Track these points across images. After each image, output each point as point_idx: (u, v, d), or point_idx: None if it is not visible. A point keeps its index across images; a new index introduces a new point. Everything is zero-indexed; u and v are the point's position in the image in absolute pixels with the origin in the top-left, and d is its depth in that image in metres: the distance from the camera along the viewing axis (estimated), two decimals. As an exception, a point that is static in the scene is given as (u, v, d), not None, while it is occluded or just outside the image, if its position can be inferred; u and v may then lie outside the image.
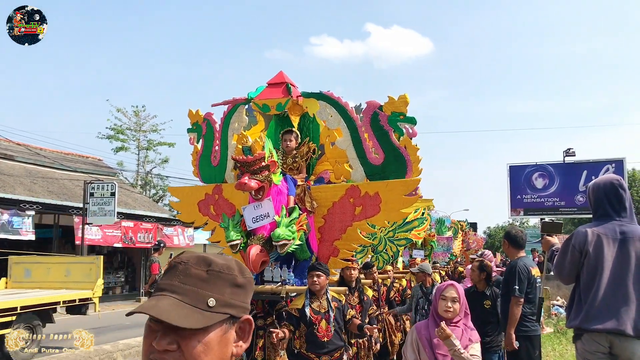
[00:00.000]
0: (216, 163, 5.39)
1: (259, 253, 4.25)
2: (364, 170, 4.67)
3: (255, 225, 4.45)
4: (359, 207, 4.59)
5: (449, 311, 3.08)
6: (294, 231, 4.32)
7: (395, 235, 6.63)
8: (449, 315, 3.07)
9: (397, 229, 6.60)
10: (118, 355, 9.55)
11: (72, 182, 21.85)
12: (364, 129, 4.61)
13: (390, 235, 6.61)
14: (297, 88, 5.12)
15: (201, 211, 5.43)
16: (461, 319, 3.15)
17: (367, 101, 4.62)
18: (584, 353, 3.32)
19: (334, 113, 4.72)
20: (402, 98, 4.41)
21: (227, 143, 5.24)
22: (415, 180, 4.43)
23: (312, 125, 5.25)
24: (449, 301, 3.12)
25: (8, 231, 16.49)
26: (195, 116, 5.51)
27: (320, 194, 4.83)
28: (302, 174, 5.07)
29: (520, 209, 26.06)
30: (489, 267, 5.73)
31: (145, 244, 22.10)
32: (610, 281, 3.23)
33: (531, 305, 5.20)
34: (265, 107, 5.05)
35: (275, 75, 5.18)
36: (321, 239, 4.83)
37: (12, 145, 22.23)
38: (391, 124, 4.45)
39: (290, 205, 4.53)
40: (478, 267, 5.76)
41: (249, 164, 4.30)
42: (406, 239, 6.79)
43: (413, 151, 4.43)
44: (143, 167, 36.99)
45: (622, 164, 24.33)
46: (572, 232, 3.56)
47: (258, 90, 5.10)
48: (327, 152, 5.29)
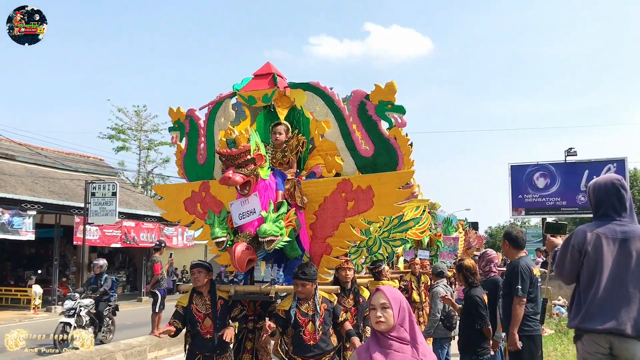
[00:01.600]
0: (203, 161, 5.17)
1: (244, 250, 4.05)
2: (354, 162, 4.45)
3: (241, 221, 4.24)
4: (352, 201, 4.38)
5: (381, 322, 2.50)
6: (282, 227, 4.11)
7: (390, 235, 6.45)
8: (382, 327, 2.50)
9: (392, 229, 6.40)
10: (119, 355, 9.54)
11: (73, 182, 21.87)
12: (352, 120, 4.39)
13: (385, 235, 6.42)
14: (285, 79, 4.87)
15: (187, 209, 5.23)
16: (403, 329, 2.52)
17: (353, 90, 4.40)
18: (584, 354, 3.29)
19: (321, 104, 4.49)
20: (389, 86, 4.17)
21: (213, 140, 5.02)
22: (409, 172, 4.22)
23: (302, 118, 5.03)
24: (379, 309, 2.53)
25: (7, 231, 16.48)
26: (176, 114, 5.26)
27: (310, 189, 4.61)
28: (293, 168, 4.85)
29: (522, 208, 26.06)
30: (466, 267, 5.45)
31: (147, 243, 22.12)
32: (609, 281, 3.21)
33: (533, 305, 5.18)
34: (251, 99, 4.80)
35: (262, 66, 4.94)
36: (313, 236, 4.62)
37: (13, 145, 22.25)
38: (379, 113, 4.22)
39: (278, 200, 4.32)
40: (456, 267, 5.69)
41: (233, 157, 4.08)
42: (402, 239, 6.67)
43: (403, 142, 4.21)
44: (144, 166, 37.10)
45: (623, 163, 24.34)
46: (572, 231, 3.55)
47: (244, 82, 4.86)
48: (317, 145, 5.08)
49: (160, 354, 10.76)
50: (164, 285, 12.03)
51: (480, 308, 5.18)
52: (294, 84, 4.71)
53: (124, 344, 10.09)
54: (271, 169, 4.46)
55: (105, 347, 9.66)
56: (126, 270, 24.79)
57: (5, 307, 18.63)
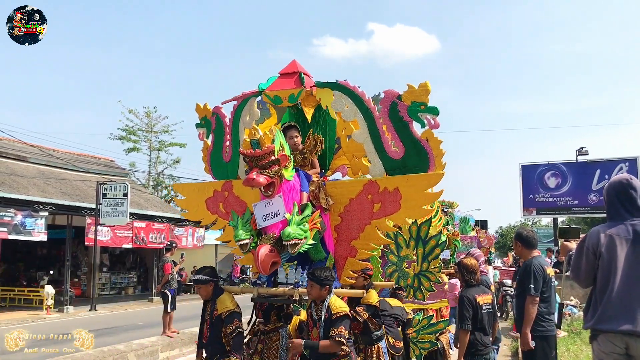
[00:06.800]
0: (228, 159, 5.09)
1: (268, 253, 3.95)
2: (382, 165, 4.33)
3: (265, 223, 4.14)
4: (378, 203, 4.27)
5: None
6: (306, 230, 4.00)
7: (429, 267, 5.92)
8: None
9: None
10: (131, 355, 9.57)
11: (84, 183, 21.97)
12: (382, 121, 4.27)
13: (425, 267, 5.93)
14: (311, 78, 4.75)
15: (209, 209, 5.13)
16: None
17: (384, 90, 4.26)
18: (600, 354, 3.29)
19: (349, 104, 4.37)
20: (422, 86, 4.06)
21: (238, 138, 4.93)
22: (439, 175, 4.09)
23: (328, 117, 4.88)
24: None
25: (20, 232, 16.58)
26: (203, 110, 5.20)
27: (336, 190, 4.52)
28: (316, 169, 4.74)
29: (533, 208, 25.97)
30: (465, 265, 5.35)
31: (157, 244, 22.18)
32: (624, 281, 3.20)
33: (547, 305, 5.15)
34: (277, 99, 4.67)
35: (288, 64, 4.80)
36: (338, 238, 4.52)
37: (25, 147, 22.38)
38: (411, 114, 4.10)
39: (303, 202, 4.22)
40: (456, 265, 5.69)
41: (257, 158, 3.99)
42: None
43: (436, 144, 4.09)
44: (155, 167, 37.27)
45: (635, 162, 24.18)
46: (586, 233, 3.53)
47: (269, 81, 4.74)
48: (344, 146, 4.95)
49: (172, 354, 10.78)
50: (174, 285, 12.05)
51: (464, 309, 5.07)
52: (321, 83, 4.60)
53: (136, 344, 10.14)
54: (296, 169, 4.36)
55: (117, 347, 9.70)
56: (137, 270, 24.87)
57: (17, 307, 18.77)
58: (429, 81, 4.03)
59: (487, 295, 5.32)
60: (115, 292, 23.03)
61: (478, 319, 5.10)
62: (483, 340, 5.14)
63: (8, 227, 16.16)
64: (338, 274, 4.52)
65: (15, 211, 16.42)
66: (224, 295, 4.52)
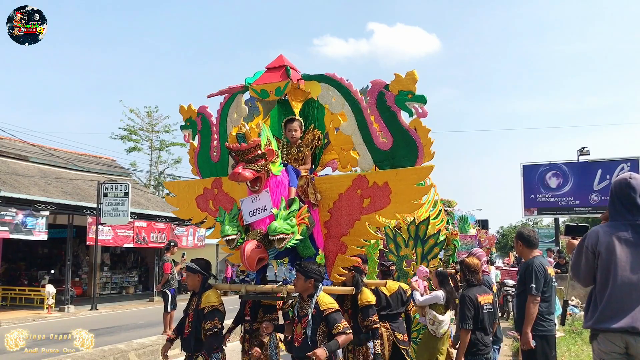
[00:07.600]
0: (217, 159, 5.03)
1: (254, 249, 3.89)
2: (371, 156, 4.26)
3: (252, 219, 4.09)
4: (367, 198, 4.20)
5: None
6: (293, 225, 3.95)
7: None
8: None
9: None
10: (132, 354, 9.57)
11: (85, 182, 22.00)
12: (369, 112, 4.19)
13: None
14: (298, 72, 4.68)
15: (199, 207, 5.08)
16: None
17: (371, 80, 4.19)
18: (600, 353, 3.27)
19: (336, 95, 4.30)
20: (409, 75, 4.00)
21: (226, 137, 4.85)
22: (428, 168, 4.04)
23: (317, 112, 4.82)
24: None
25: (21, 232, 16.62)
26: (187, 111, 5.12)
27: (324, 185, 4.44)
28: (307, 164, 4.69)
29: (534, 208, 25.87)
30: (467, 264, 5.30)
31: (158, 243, 22.21)
32: (623, 281, 3.19)
33: (547, 305, 5.13)
34: (264, 92, 4.60)
35: (275, 59, 4.75)
36: (327, 234, 4.45)
37: (26, 146, 22.44)
38: (399, 104, 4.04)
39: (290, 197, 4.15)
40: (459, 264, 5.71)
41: (243, 153, 3.94)
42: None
43: (424, 133, 4.02)
44: (156, 167, 37.34)
45: (637, 162, 24.03)
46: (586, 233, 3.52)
47: (256, 76, 4.68)
48: (332, 139, 4.87)
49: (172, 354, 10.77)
50: (174, 284, 12.05)
51: (465, 308, 5.02)
52: (308, 75, 4.54)
53: (137, 343, 10.13)
54: (284, 164, 4.32)
55: (118, 346, 9.69)
56: (138, 270, 24.89)
57: (18, 306, 18.79)
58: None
59: (489, 295, 5.29)
60: (116, 292, 23.07)
61: (479, 318, 5.08)
62: (484, 340, 5.11)
63: (9, 226, 16.20)
64: (328, 270, 4.46)
65: (16, 210, 16.46)
66: (211, 291, 4.46)
